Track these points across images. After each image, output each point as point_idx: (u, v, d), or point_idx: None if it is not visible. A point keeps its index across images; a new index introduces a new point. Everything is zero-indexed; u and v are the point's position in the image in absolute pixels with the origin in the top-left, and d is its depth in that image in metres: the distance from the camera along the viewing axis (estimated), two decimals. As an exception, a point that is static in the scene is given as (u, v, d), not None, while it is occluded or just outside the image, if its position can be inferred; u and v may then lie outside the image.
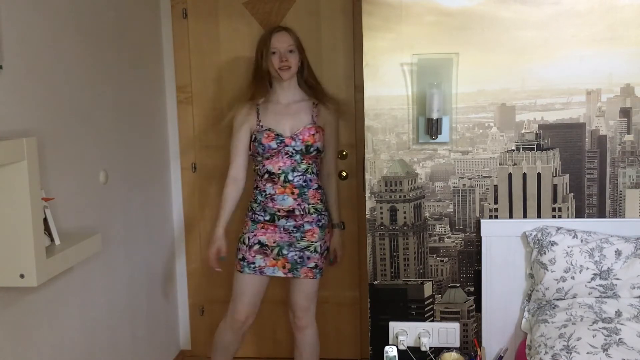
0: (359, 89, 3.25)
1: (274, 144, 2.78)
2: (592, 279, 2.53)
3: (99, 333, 2.71)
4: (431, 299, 2.86)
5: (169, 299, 3.54)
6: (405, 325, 2.86)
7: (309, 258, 2.84)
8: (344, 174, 3.46)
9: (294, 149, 2.78)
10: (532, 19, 2.64)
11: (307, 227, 2.82)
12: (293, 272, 2.84)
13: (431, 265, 2.85)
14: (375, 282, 2.88)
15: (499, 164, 2.76)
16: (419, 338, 2.84)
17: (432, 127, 2.67)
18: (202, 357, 3.67)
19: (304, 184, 2.81)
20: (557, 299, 2.59)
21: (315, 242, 2.84)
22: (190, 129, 3.55)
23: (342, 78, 3.41)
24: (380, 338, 2.88)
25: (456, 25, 2.67)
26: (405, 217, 2.83)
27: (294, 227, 2.81)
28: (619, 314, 2.44)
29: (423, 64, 2.70)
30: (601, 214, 2.73)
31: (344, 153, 3.46)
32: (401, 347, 2.82)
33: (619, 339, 2.30)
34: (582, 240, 2.58)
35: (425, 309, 2.86)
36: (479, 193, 2.78)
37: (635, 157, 2.70)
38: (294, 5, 3.39)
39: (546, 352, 2.31)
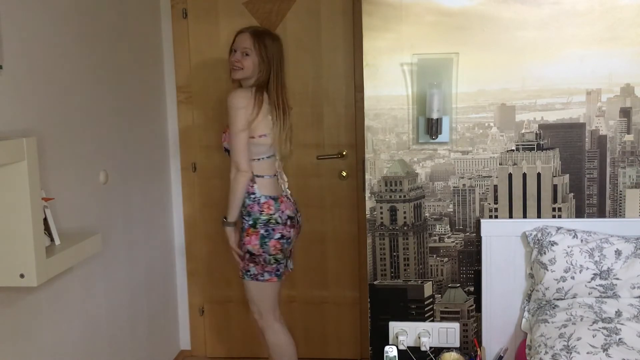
0: (359, 89, 3.25)
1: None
2: (592, 278, 2.53)
3: (99, 333, 2.71)
4: (431, 299, 2.86)
5: (169, 299, 3.54)
6: (405, 325, 2.86)
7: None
8: (344, 174, 3.46)
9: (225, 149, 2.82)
10: (532, 19, 2.64)
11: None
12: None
13: (431, 265, 2.85)
14: (375, 282, 2.88)
15: (499, 164, 2.76)
16: (419, 338, 2.84)
17: (432, 127, 2.67)
18: (202, 357, 3.67)
19: None
20: (557, 299, 2.59)
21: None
22: (190, 129, 3.55)
23: (342, 78, 3.41)
24: (380, 338, 2.88)
25: (456, 25, 2.67)
26: (405, 217, 2.83)
27: None
28: (619, 314, 2.44)
29: (423, 64, 2.70)
30: (601, 214, 2.73)
31: (344, 153, 3.46)
32: (401, 347, 2.82)
33: (619, 338, 2.30)
34: (582, 240, 2.58)
35: (425, 309, 2.86)
36: (479, 193, 2.78)
37: (635, 157, 2.70)
38: (294, 5, 3.39)
39: (546, 352, 2.31)
